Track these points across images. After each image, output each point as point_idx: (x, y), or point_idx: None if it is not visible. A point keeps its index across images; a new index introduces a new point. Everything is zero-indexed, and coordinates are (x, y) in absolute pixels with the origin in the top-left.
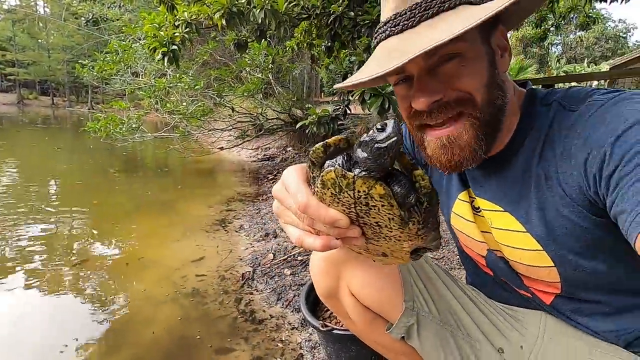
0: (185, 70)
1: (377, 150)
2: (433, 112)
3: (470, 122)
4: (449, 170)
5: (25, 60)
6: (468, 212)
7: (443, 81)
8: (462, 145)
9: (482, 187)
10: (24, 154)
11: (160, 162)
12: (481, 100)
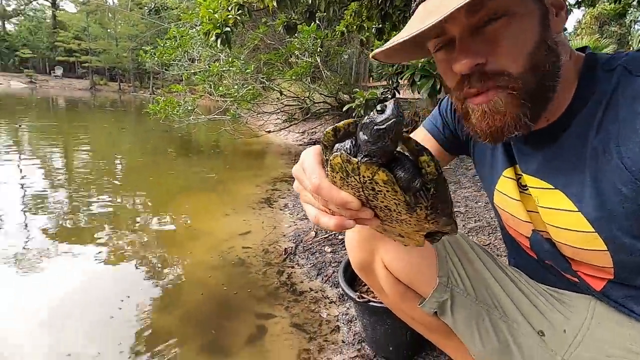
0: (237, 55)
1: (376, 132)
2: (473, 77)
3: (508, 93)
4: (490, 139)
5: (97, 48)
6: (513, 189)
7: (487, 42)
8: (503, 112)
9: (531, 162)
10: (96, 134)
11: (212, 143)
12: (523, 69)
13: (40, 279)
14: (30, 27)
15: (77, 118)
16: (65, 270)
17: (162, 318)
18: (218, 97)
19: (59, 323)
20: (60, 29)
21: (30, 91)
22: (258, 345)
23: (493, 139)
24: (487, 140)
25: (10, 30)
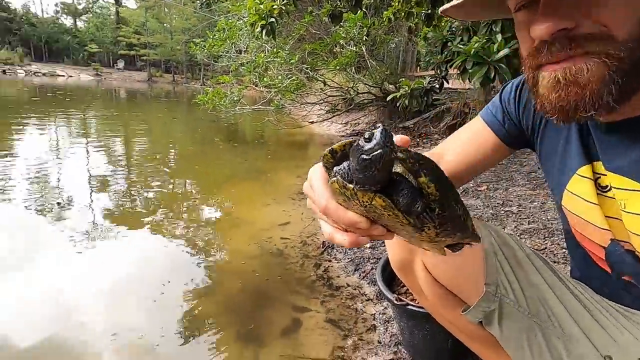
0: (282, 45)
1: (362, 162)
2: (555, 44)
3: (601, 61)
4: (559, 116)
5: (154, 42)
6: (590, 191)
7: (578, 5)
8: (583, 84)
9: (619, 158)
10: (151, 123)
11: (257, 133)
12: (629, 35)
13: (92, 259)
14: (97, 23)
15: (135, 108)
16: (115, 252)
17: (201, 303)
18: (263, 87)
19: (106, 302)
20: (122, 25)
21: (96, 83)
22: (292, 338)
23: (562, 116)
24: (555, 116)
25: (80, 27)
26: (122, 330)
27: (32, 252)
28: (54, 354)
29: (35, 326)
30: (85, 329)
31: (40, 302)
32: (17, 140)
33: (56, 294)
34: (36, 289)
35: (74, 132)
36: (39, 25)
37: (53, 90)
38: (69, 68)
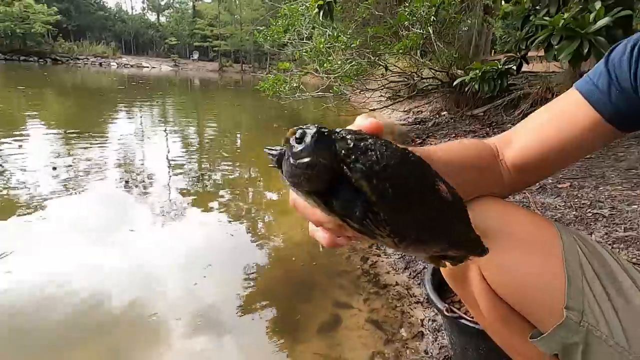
0: (344, 29)
1: (289, 167)
2: None
3: None
4: None
5: (225, 33)
6: None
7: None
8: None
9: None
10: (219, 109)
11: (315, 120)
12: None
13: (151, 239)
14: (177, 18)
15: (206, 95)
16: (168, 234)
17: (241, 289)
18: (323, 73)
19: (149, 286)
20: (198, 18)
21: (174, 73)
22: (330, 336)
23: None
24: None
25: (162, 22)
26: (159, 314)
27: (119, 224)
28: (132, 313)
29: (115, 289)
30: (131, 313)
31: (121, 266)
32: (109, 124)
33: (134, 261)
34: (117, 255)
35: (155, 118)
36: (128, 21)
37: (138, 79)
38: (152, 60)
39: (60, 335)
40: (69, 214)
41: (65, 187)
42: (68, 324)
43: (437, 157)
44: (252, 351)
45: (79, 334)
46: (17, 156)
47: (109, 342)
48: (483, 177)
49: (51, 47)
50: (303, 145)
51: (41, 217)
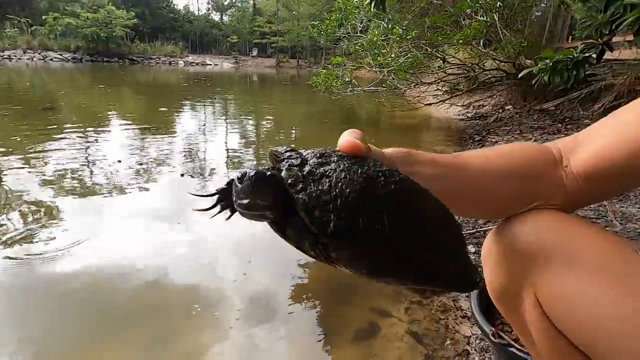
0: (399, 20)
1: (235, 204)
2: None
3: None
4: None
5: (282, 30)
6: None
7: None
8: None
9: None
10: (275, 105)
11: (367, 115)
12: None
13: (205, 230)
14: (238, 16)
15: (263, 91)
16: (218, 228)
17: (280, 288)
18: (376, 67)
19: (193, 279)
20: (257, 16)
21: (234, 70)
22: (365, 345)
23: None
24: None
25: (225, 21)
26: (198, 307)
27: (178, 212)
28: (184, 298)
29: (173, 274)
30: (176, 304)
31: (179, 252)
32: (175, 119)
33: (196, 244)
34: (176, 242)
35: (215, 112)
36: (194, 22)
37: (201, 77)
38: (215, 57)
39: (126, 309)
40: (136, 202)
41: (134, 177)
42: (132, 300)
43: (472, 167)
44: (284, 351)
45: (140, 309)
46: (96, 147)
47: (163, 322)
48: (536, 187)
49: (129, 49)
50: (241, 187)
51: (112, 205)
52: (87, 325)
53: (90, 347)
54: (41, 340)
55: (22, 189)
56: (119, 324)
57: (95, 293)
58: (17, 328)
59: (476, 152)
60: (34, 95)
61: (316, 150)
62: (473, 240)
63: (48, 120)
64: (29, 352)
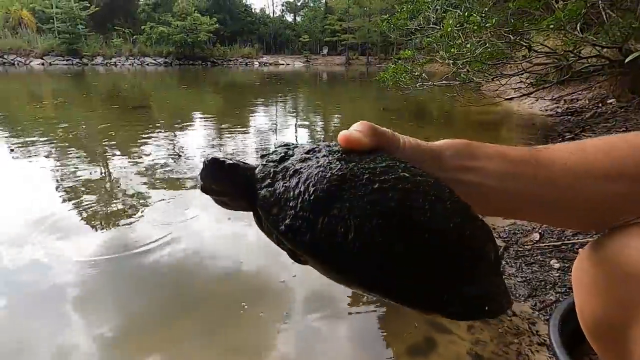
0: (479, 8)
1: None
2: None
3: None
4: None
5: (353, 27)
6: None
7: None
8: None
9: None
10: (342, 101)
11: (439, 111)
12: None
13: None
14: (310, 16)
15: (331, 89)
16: None
17: (331, 291)
18: (449, 60)
19: (237, 277)
20: (329, 14)
21: (305, 69)
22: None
23: None
24: None
25: (297, 21)
26: (247, 305)
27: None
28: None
29: (245, 263)
30: (219, 301)
31: (250, 240)
32: (248, 116)
33: (259, 241)
34: (246, 232)
35: (285, 110)
36: (269, 23)
37: (273, 76)
38: (287, 57)
39: (206, 291)
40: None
41: None
42: (207, 285)
43: (561, 163)
44: (332, 356)
45: (213, 296)
46: (179, 142)
47: (235, 309)
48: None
49: (210, 52)
50: (201, 170)
51: (193, 197)
52: (163, 308)
53: (162, 329)
54: (128, 318)
55: (118, 179)
56: (191, 308)
57: (176, 280)
58: (109, 308)
59: (566, 145)
60: (130, 96)
61: (307, 145)
62: (557, 254)
63: (139, 117)
64: (118, 327)
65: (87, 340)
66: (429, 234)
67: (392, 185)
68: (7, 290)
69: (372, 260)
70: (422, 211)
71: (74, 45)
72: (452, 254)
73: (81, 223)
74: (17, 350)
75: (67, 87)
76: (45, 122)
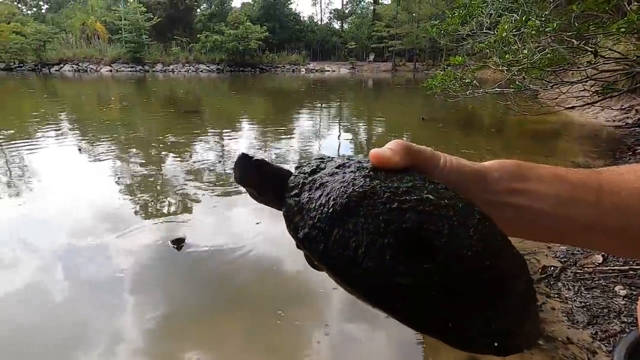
0: (538, 11)
1: None
2: None
3: None
4: None
5: (400, 33)
6: None
7: None
8: None
9: None
10: (386, 108)
11: (490, 120)
12: None
13: None
14: (357, 23)
15: (375, 95)
16: None
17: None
18: (503, 66)
19: (278, 281)
20: (376, 21)
21: (350, 75)
22: None
23: None
24: None
25: (345, 28)
26: (287, 310)
27: None
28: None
29: (281, 263)
30: (258, 300)
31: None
32: (293, 121)
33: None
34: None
35: (329, 116)
36: (317, 31)
37: (318, 82)
38: (333, 64)
39: (248, 292)
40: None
41: None
42: (250, 287)
43: (629, 187)
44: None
45: (249, 295)
46: (227, 144)
47: (272, 307)
48: None
49: (260, 59)
50: (234, 164)
51: (238, 198)
52: (206, 302)
53: (205, 321)
54: (175, 307)
55: (171, 178)
56: (233, 307)
57: (219, 275)
58: (159, 299)
59: (632, 167)
60: (185, 101)
61: (339, 160)
62: (623, 279)
63: (191, 121)
64: (165, 315)
65: (138, 323)
66: (441, 259)
67: (412, 207)
68: (67, 276)
69: (381, 278)
70: (438, 235)
71: (138, 53)
72: (466, 282)
73: (137, 217)
74: (76, 332)
75: (130, 92)
76: (111, 124)
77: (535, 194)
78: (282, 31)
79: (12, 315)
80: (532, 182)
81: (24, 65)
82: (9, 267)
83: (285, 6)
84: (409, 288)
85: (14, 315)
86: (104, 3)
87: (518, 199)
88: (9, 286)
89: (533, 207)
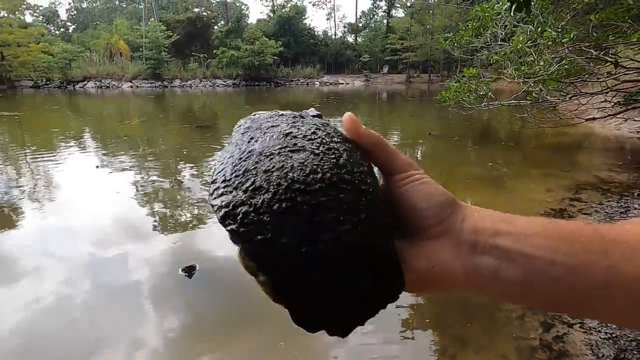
0: (554, 22)
1: None
2: None
3: None
4: None
5: (414, 45)
6: None
7: None
8: None
9: None
10: (401, 121)
11: (507, 132)
12: None
13: None
14: (371, 36)
15: (391, 107)
16: None
17: (400, 310)
18: (519, 78)
19: None
20: (390, 33)
21: (364, 87)
22: None
23: None
24: None
25: (359, 41)
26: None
27: None
28: None
29: None
30: None
31: None
32: None
33: None
34: None
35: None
36: (331, 45)
37: (330, 95)
38: (347, 77)
39: (265, 309)
40: None
41: None
42: (267, 303)
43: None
44: None
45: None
46: None
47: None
48: None
49: (275, 73)
50: None
51: None
52: (227, 317)
53: (225, 334)
54: (194, 319)
55: (188, 192)
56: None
57: (240, 287)
58: (179, 307)
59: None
60: (200, 116)
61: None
62: (636, 354)
63: (206, 136)
64: (184, 326)
65: (157, 333)
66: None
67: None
68: (90, 286)
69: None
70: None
71: (157, 69)
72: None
73: (155, 232)
74: (96, 339)
75: (149, 107)
76: (129, 140)
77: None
78: (297, 45)
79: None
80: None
81: (51, 82)
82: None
83: (300, 21)
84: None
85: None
86: (128, 23)
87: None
88: (32, 295)
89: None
